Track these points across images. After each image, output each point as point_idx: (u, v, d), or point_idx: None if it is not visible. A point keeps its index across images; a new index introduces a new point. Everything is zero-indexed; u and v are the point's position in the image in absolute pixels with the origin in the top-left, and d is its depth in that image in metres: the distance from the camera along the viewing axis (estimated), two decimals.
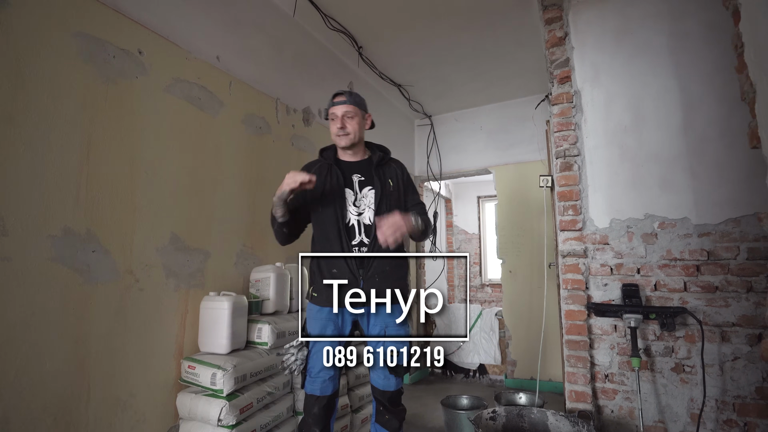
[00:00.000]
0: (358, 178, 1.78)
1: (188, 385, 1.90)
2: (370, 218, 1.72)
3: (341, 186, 1.74)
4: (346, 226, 1.70)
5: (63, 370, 1.51)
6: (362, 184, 1.77)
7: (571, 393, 2.27)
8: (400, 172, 1.85)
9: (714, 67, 2.18)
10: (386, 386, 1.71)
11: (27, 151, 1.43)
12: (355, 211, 1.73)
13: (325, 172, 1.78)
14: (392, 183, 1.79)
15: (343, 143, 1.76)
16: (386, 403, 1.72)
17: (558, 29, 2.52)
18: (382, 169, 1.81)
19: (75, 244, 1.56)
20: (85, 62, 1.63)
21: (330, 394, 1.70)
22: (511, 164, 4.35)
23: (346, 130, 1.74)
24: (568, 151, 2.44)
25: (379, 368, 1.71)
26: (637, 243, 2.26)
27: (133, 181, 1.79)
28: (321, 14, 2.85)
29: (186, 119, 2.05)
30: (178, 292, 1.96)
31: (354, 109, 1.76)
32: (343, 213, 1.71)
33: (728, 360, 2.03)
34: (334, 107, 1.76)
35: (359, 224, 1.72)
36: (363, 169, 1.80)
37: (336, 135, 1.76)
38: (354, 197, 1.75)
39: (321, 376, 1.68)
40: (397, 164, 1.88)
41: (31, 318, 1.42)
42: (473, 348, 4.31)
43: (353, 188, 1.76)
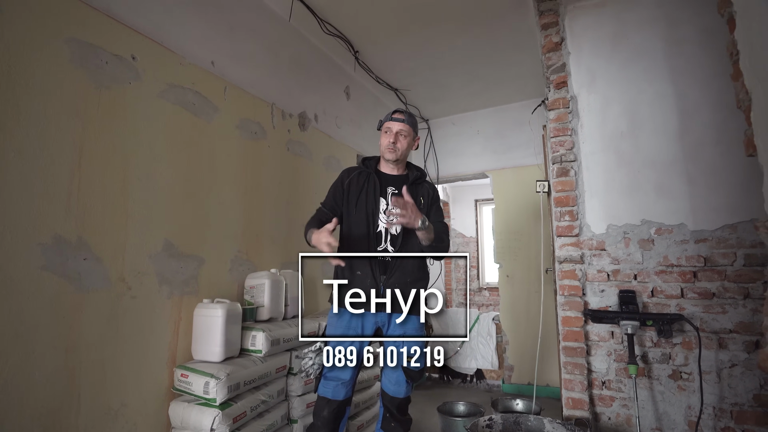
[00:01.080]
0: (392, 190, 1.87)
1: (181, 394, 1.88)
2: (396, 229, 1.80)
3: (377, 194, 1.84)
4: (375, 232, 1.79)
5: (52, 380, 1.49)
6: (395, 197, 1.83)
7: (568, 400, 2.25)
8: (431, 192, 1.94)
9: (709, 73, 2.18)
10: (396, 392, 1.77)
11: (17, 158, 1.42)
12: (386, 219, 1.82)
13: (364, 179, 1.88)
14: (423, 201, 1.88)
15: (390, 157, 1.85)
16: (394, 410, 1.78)
17: (554, 34, 2.52)
18: (416, 188, 1.89)
19: (65, 251, 1.54)
20: (77, 68, 1.61)
21: (342, 399, 1.73)
22: (508, 168, 4.34)
23: (396, 146, 1.84)
24: (564, 156, 2.43)
25: (392, 373, 1.77)
26: (633, 249, 2.25)
27: (126, 188, 1.77)
28: (317, 19, 2.84)
29: (180, 125, 2.03)
30: (171, 300, 1.94)
31: (408, 130, 1.86)
32: (374, 219, 1.81)
33: (726, 367, 2.02)
34: (391, 122, 1.85)
35: (386, 232, 1.81)
36: (399, 183, 1.87)
37: (386, 147, 1.85)
38: (386, 206, 1.84)
39: (335, 378, 1.72)
40: (430, 186, 1.97)
41: (20, 327, 1.40)
42: (471, 353, 4.29)
43: (387, 199, 1.85)
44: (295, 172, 2.85)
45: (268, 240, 2.56)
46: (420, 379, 1.79)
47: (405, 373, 1.76)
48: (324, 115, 3.24)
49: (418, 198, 1.87)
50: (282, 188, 2.72)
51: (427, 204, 1.90)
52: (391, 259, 1.77)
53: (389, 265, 1.76)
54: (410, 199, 1.64)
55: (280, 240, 2.66)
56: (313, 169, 3.02)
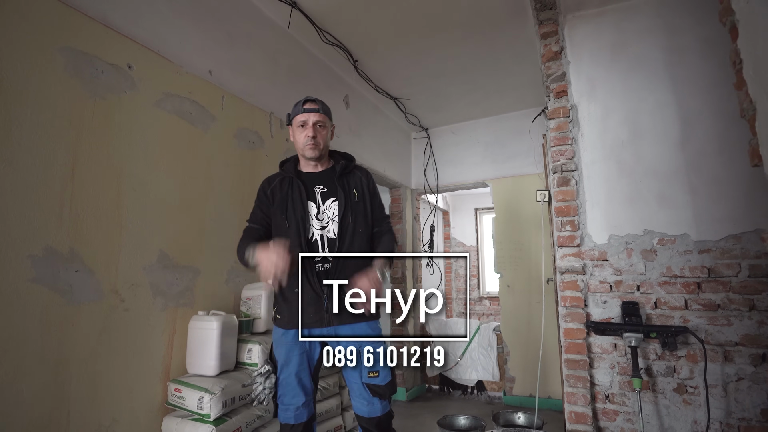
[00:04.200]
0: (321, 189, 1.68)
1: (175, 409, 1.83)
2: (334, 231, 1.62)
3: (303, 200, 1.64)
4: (308, 241, 1.60)
5: (41, 396, 1.44)
6: (325, 196, 1.67)
7: (571, 414, 2.20)
8: (365, 180, 1.74)
9: (710, 82, 2.17)
10: (371, 412, 1.56)
11: (8, 169, 1.39)
12: (318, 225, 1.63)
13: (287, 185, 1.68)
14: (357, 193, 1.68)
15: (312, 154, 1.66)
16: (374, 431, 1.57)
17: (554, 43, 2.51)
18: (346, 179, 1.70)
19: (57, 263, 1.50)
20: (72, 77, 1.59)
21: (305, 420, 1.58)
22: (508, 177, 4.32)
23: (317, 140, 1.64)
24: (565, 166, 2.41)
25: (358, 394, 1.57)
26: (636, 259, 2.22)
27: (120, 198, 1.74)
28: (316, 28, 2.84)
29: (176, 134, 2.01)
30: (165, 312, 1.90)
31: (325, 119, 1.67)
32: (305, 228, 1.61)
33: (732, 381, 1.98)
34: (304, 114, 1.64)
35: (322, 239, 1.62)
36: (325, 179, 1.69)
37: (305, 144, 1.64)
38: (317, 210, 1.65)
39: (293, 403, 1.57)
40: (362, 171, 1.76)
41: (8, 342, 1.36)
42: (471, 364, 4.23)
43: (316, 201, 1.66)
44: None
45: None
46: (392, 391, 1.58)
47: (370, 390, 1.54)
48: None
49: (350, 190, 1.68)
50: None
51: (363, 196, 1.69)
52: (331, 266, 1.57)
53: (330, 272, 1.57)
54: (364, 284, 1.40)
55: None
56: None
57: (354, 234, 1.62)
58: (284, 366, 1.59)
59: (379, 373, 1.55)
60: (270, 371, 1.63)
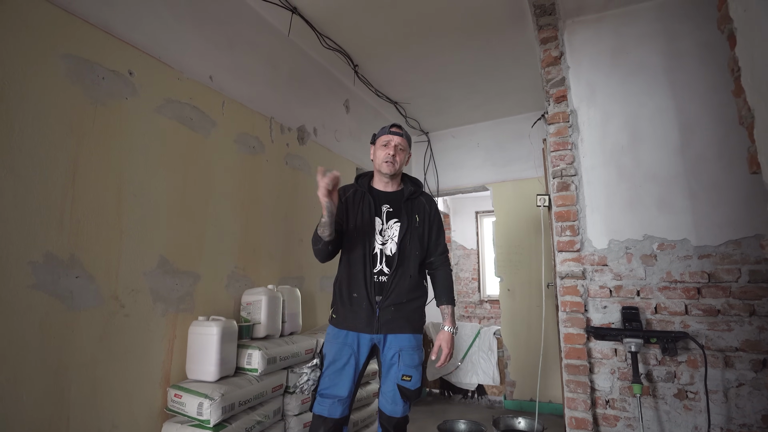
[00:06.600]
0: (387, 208, 1.83)
1: (174, 415, 1.83)
2: (391, 250, 1.78)
3: (372, 215, 1.80)
4: (371, 253, 1.76)
5: (41, 402, 1.45)
6: (389, 216, 1.82)
7: (571, 420, 2.20)
8: (428, 208, 1.89)
9: (710, 88, 2.17)
10: (393, 412, 1.71)
11: (9, 175, 1.39)
12: (380, 240, 1.79)
13: (359, 198, 1.84)
14: (418, 218, 1.84)
15: (389, 170, 1.81)
16: (391, 430, 1.72)
17: (553, 48, 2.52)
18: (412, 204, 1.86)
19: (57, 270, 1.51)
20: (73, 84, 1.60)
21: (338, 417, 1.67)
22: (508, 181, 4.32)
23: (396, 159, 1.80)
24: (565, 170, 2.41)
25: (388, 394, 1.72)
26: (636, 264, 2.22)
27: (121, 204, 1.74)
28: (316, 33, 2.85)
29: (177, 140, 2.02)
30: (165, 317, 1.90)
31: (405, 144, 1.84)
32: (370, 241, 1.77)
33: (732, 386, 1.97)
34: (389, 135, 1.82)
35: (381, 254, 1.78)
36: (393, 200, 1.85)
37: (384, 161, 1.80)
38: (381, 227, 1.80)
39: (331, 396, 1.67)
40: (426, 199, 1.91)
41: (8, 349, 1.37)
42: (471, 368, 4.22)
43: (381, 217, 1.82)
44: (294, 186, 2.83)
45: (265, 255, 2.53)
46: (417, 397, 1.76)
47: (400, 392, 1.71)
48: (323, 128, 3.23)
49: (413, 215, 1.83)
50: (280, 202, 2.70)
51: (424, 223, 1.85)
52: (387, 280, 1.75)
53: (385, 285, 1.75)
54: (444, 348, 1.76)
55: (277, 255, 2.63)
56: (311, 183, 2.99)
57: (410, 256, 1.78)
58: (332, 363, 1.71)
59: (412, 377, 1.72)
60: (317, 365, 1.73)
